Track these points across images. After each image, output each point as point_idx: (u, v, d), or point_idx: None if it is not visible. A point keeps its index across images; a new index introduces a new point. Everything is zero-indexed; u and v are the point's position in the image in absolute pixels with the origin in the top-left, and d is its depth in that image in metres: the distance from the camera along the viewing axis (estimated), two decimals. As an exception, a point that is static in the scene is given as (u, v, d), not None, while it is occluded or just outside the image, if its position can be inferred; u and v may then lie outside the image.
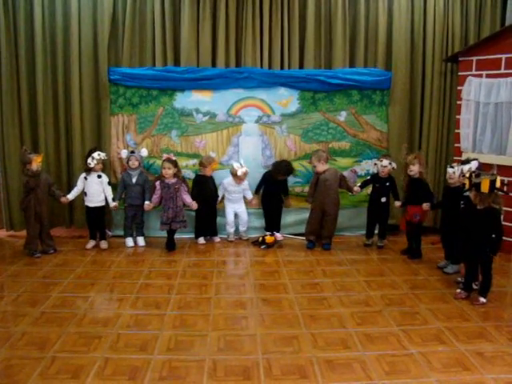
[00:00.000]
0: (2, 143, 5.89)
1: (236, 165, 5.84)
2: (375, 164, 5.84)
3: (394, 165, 5.67)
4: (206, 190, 5.81)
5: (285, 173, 5.89)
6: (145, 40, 5.97)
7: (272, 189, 5.99)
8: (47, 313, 3.89)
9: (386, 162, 5.65)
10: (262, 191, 6.05)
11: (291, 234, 6.17)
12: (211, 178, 5.89)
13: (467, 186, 4.10)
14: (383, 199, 5.71)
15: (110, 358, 3.21)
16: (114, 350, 3.32)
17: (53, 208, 5.72)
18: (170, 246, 5.61)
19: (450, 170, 4.82)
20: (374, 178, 5.83)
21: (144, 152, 5.75)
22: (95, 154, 5.46)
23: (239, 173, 5.78)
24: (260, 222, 6.18)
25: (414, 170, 5.24)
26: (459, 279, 4.57)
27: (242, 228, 6.04)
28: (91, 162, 5.45)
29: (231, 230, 5.99)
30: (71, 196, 5.55)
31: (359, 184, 5.88)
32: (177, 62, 6.02)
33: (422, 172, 5.29)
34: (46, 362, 3.14)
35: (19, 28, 5.75)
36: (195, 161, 5.99)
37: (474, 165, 4.53)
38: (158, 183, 5.56)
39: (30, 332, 3.56)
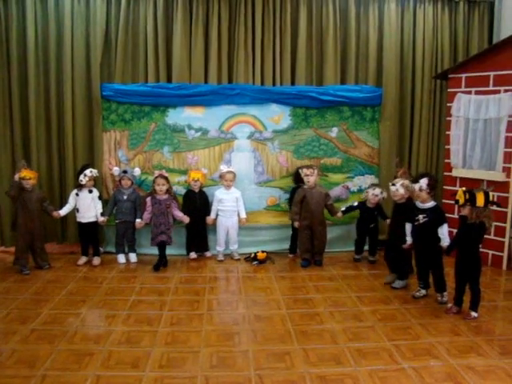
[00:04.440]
0: (-7, 159, 5.88)
1: (222, 166, 5.92)
2: (367, 192, 5.83)
3: (385, 194, 5.70)
4: (195, 205, 5.81)
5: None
6: (137, 56, 6.01)
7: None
8: (38, 330, 3.86)
9: (378, 190, 5.69)
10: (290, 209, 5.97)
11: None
12: (201, 194, 5.90)
13: (461, 202, 4.11)
14: (372, 225, 5.82)
15: (101, 376, 3.19)
16: (105, 367, 3.29)
17: (45, 224, 5.69)
18: (158, 265, 5.50)
19: (392, 187, 4.86)
20: (362, 208, 5.83)
21: (137, 171, 5.78)
22: (87, 171, 5.47)
23: (224, 170, 5.82)
24: (251, 239, 6.16)
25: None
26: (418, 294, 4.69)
27: (232, 247, 5.99)
28: (83, 179, 5.46)
29: (221, 249, 5.94)
30: (63, 212, 5.54)
31: (343, 209, 5.85)
32: (169, 79, 6.06)
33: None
34: (36, 381, 3.11)
35: (12, 45, 5.77)
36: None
37: (423, 182, 4.47)
38: (148, 199, 5.57)
39: (20, 350, 3.53)
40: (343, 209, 5.85)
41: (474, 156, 5.78)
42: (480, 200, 4.01)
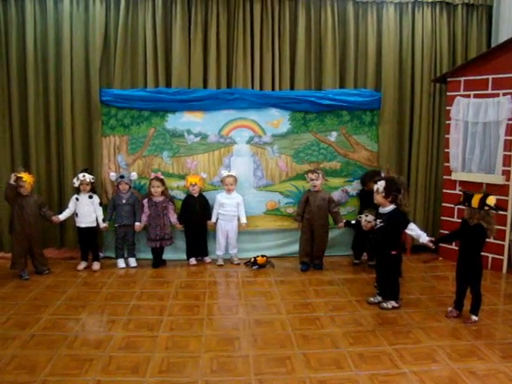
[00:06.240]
0: (-8, 164, 5.88)
1: (222, 171, 5.94)
2: (360, 217, 5.67)
3: (378, 221, 5.43)
4: (194, 209, 5.82)
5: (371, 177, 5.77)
6: (136, 61, 6.00)
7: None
8: (37, 335, 3.85)
9: (371, 217, 5.42)
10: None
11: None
12: (201, 198, 5.89)
13: (460, 200, 4.17)
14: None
15: (101, 381, 3.18)
16: (105, 373, 3.29)
17: (43, 229, 5.68)
18: (157, 263, 5.74)
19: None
20: (358, 229, 5.70)
21: (134, 176, 5.76)
22: (80, 175, 5.51)
23: (224, 175, 5.84)
24: (250, 244, 6.18)
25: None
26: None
27: (231, 251, 5.99)
28: (75, 182, 5.51)
29: (220, 253, 5.94)
30: (62, 216, 5.54)
31: (345, 220, 5.77)
32: (168, 84, 6.05)
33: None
34: (36, 386, 3.10)
35: (11, 49, 5.78)
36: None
37: (380, 185, 4.44)
38: (145, 201, 5.67)
39: (20, 355, 3.52)
40: (345, 221, 5.78)
41: (474, 159, 5.78)
42: (475, 201, 4.03)
